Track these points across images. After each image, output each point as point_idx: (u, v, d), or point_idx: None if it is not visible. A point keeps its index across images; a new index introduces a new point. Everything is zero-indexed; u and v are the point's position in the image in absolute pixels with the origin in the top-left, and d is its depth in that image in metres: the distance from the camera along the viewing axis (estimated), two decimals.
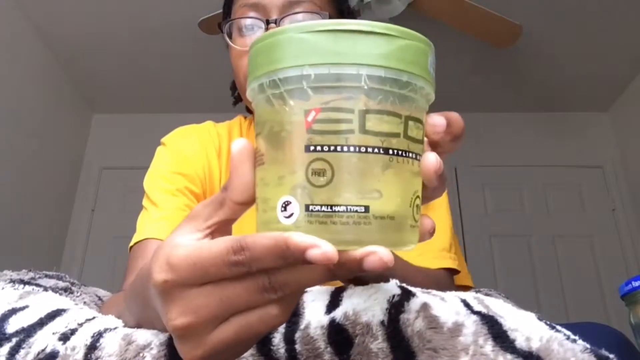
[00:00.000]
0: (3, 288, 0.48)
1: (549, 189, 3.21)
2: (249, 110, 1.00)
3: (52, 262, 2.91)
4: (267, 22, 0.78)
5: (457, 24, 2.21)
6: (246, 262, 0.30)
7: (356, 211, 0.32)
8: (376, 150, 0.32)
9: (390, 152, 0.33)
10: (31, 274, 0.56)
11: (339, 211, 0.32)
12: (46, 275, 0.57)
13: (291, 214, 0.32)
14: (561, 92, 3.19)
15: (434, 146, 0.38)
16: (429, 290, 0.42)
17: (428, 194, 0.37)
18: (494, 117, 3.34)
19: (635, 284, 0.76)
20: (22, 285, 0.48)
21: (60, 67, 2.96)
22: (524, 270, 3.02)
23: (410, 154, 0.34)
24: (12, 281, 0.51)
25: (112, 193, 3.21)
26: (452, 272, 0.81)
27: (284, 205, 0.32)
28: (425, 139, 0.37)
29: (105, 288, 0.74)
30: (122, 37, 2.75)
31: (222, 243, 0.31)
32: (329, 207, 0.32)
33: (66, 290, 0.54)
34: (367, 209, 0.32)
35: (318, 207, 0.32)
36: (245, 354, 0.37)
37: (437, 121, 0.37)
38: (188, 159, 0.85)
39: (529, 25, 2.46)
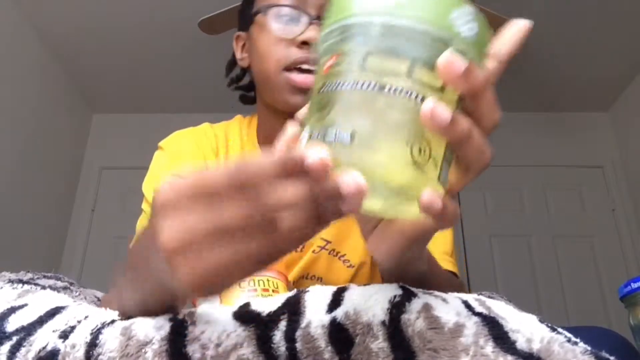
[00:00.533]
0: (2, 287, 0.48)
1: (549, 189, 3.22)
2: (244, 100, 0.97)
3: (52, 262, 2.91)
4: (311, 18, 0.77)
5: None
6: (244, 179, 0.31)
7: (342, 140, 0.33)
8: (371, 85, 0.33)
9: (387, 89, 0.33)
10: (30, 275, 0.56)
11: (329, 140, 0.33)
12: (44, 276, 0.58)
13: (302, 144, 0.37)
14: (561, 92, 3.19)
15: (470, 113, 0.37)
16: (431, 291, 0.42)
17: (460, 152, 0.37)
18: None
19: (635, 285, 0.76)
20: (20, 285, 0.49)
21: (60, 67, 2.96)
22: (524, 271, 3.02)
23: (415, 95, 0.34)
24: (11, 281, 0.51)
25: (112, 193, 3.21)
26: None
27: (301, 139, 0.37)
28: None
29: (105, 288, 0.74)
30: (122, 37, 2.75)
31: (223, 164, 0.32)
32: (322, 135, 0.34)
33: (65, 289, 0.54)
34: (352, 136, 0.33)
35: (316, 135, 0.34)
36: (246, 352, 0.37)
37: (451, 58, 0.34)
38: (185, 161, 0.85)
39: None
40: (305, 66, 0.75)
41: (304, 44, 0.75)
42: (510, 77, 3.06)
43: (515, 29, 0.41)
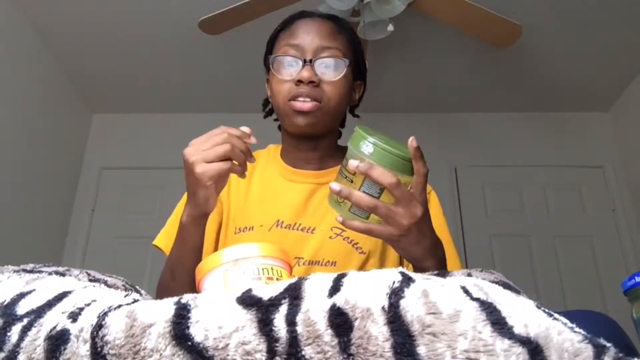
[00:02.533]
0: (9, 277, 0.50)
1: (549, 189, 3.22)
2: (280, 127, 1.21)
3: (52, 262, 2.91)
4: (304, 62, 1.01)
5: (457, 24, 2.22)
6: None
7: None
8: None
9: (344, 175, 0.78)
10: (32, 265, 0.58)
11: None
12: (45, 266, 0.59)
13: None
14: (561, 92, 3.20)
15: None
16: (429, 277, 0.43)
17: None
18: (494, 117, 3.35)
19: (638, 279, 0.76)
20: (26, 274, 0.50)
21: (60, 67, 2.96)
22: (524, 271, 3.02)
23: (345, 176, 0.77)
24: (16, 271, 0.53)
25: (112, 193, 3.22)
26: None
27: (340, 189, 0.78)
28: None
29: None
30: (122, 37, 2.76)
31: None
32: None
33: (64, 275, 0.56)
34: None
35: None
36: (247, 334, 0.38)
37: (351, 162, 0.75)
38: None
39: (529, 25, 2.47)
40: (301, 98, 1.00)
41: (300, 81, 1.00)
42: (510, 77, 3.06)
43: (410, 146, 0.74)
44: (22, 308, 0.44)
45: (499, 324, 0.38)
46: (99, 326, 0.39)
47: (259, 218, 1.03)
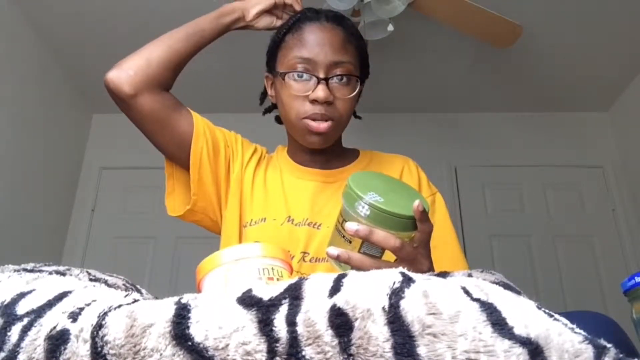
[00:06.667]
0: (10, 276, 0.50)
1: (549, 189, 3.22)
2: (278, 121, 1.22)
3: (52, 262, 2.90)
4: (318, 80, 1.00)
5: (457, 24, 2.22)
6: None
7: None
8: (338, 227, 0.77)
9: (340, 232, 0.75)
10: (32, 265, 0.58)
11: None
12: (45, 265, 0.59)
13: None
14: (561, 92, 3.20)
15: None
16: (430, 278, 0.43)
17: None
18: (494, 117, 3.35)
19: (639, 279, 0.76)
20: (27, 273, 0.50)
21: (60, 67, 2.96)
22: (524, 271, 3.02)
23: (343, 236, 0.74)
24: (17, 270, 0.53)
25: (112, 193, 3.22)
26: None
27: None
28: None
29: None
30: (122, 36, 2.76)
31: None
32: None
33: (64, 274, 0.56)
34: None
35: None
36: (247, 334, 0.38)
37: (348, 225, 0.71)
38: (239, 146, 1.18)
39: (529, 25, 2.47)
40: (316, 117, 1.01)
41: (315, 100, 0.99)
42: (510, 77, 3.06)
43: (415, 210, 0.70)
44: (22, 308, 0.44)
45: (499, 324, 0.38)
46: (99, 326, 0.39)
47: (271, 212, 1.05)
